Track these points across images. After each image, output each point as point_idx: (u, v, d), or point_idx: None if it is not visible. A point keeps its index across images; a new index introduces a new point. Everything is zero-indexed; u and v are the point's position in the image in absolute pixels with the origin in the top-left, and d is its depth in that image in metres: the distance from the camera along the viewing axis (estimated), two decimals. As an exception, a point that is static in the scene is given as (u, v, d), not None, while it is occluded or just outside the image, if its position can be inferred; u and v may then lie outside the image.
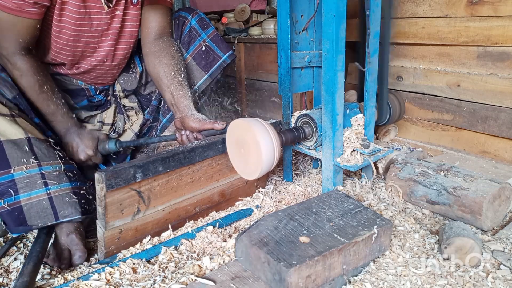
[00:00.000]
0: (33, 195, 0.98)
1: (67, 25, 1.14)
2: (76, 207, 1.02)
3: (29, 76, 1.11)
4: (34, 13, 1.06)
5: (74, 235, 1.02)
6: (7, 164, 0.96)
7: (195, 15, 1.40)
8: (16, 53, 1.09)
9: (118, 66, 1.36)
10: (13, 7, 1.02)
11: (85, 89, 1.38)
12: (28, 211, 0.97)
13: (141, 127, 1.49)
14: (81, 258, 0.99)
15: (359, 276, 0.85)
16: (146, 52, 1.33)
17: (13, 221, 0.97)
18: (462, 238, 0.87)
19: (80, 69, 1.29)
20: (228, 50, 1.45)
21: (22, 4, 1.02)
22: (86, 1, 1.13)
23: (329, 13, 1.05)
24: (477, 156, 1.44)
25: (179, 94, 1.25)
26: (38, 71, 1.14)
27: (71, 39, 1.18)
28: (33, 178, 0.98)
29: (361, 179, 1.31)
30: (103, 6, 1.15)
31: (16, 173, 0.96)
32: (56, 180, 1.01)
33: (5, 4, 1.01)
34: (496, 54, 1.35)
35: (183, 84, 1.27)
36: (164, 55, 1.29)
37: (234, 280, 0.79)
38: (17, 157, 0.97)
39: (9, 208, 0.95)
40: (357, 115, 1.24)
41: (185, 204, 1.11)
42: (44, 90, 1.15)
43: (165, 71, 1.27)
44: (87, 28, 1.18)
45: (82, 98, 1.39)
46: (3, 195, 0.95)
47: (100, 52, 1.26)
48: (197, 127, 1.18)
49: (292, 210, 0.94)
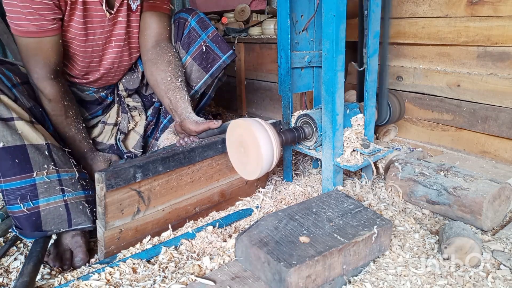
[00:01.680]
0: (51, 201, 0.98)
1: (74, 36, 1.16)
2: (88, 215, 1.03)
3: (57, 102, 1.14)
4: (55, 28, 1.08)
5: (79, 237, 1.03)
6: (29, 168, 0.96)
7: (195, 16, 1.40)
8: (46, 77, 1.11)
9: (124, 69, 1.38)
10: (36, 29, 1.04)
11: (98, 98, 1.40)
12: (45, 216, 0.97)
13: (145, 128, 1.49)
14: (82, 260, 0.99)
15: (359, 276, 0.85)
16: (145, 60, 1.35)
17: (30, 226, 0.96)
18: (462, 238, 0.87)
19: (90, 79, 1.32)
20: (228, 50, 1.44)
21: (43, 24, 1.04)
22: (88, 10, 1.14)
23: (329, 13, 1.05)
24: (477, 156, 1.44)
25: (177, 98, 1.27)
26: (65, 97, 1.16)
27: (78, 49, 1.20)
28: (52, 183, 0.98)
29: (361, 179, 1.31)
30: (105, 14, 1.17)
31: (37, 177, 0.96)
32: (71, 188, 1.02)
33: (28, 30, 1.04)
34: (496, 54, 1.35)
35: (180, 88, 1.28)
36: (161, 62, 1.30)
37: (234, 280, 0.79)
38: (39, 162, 0.97)
39: (28, 213, 0.95)
40: (357, 115, 1.24)
41: (185, 204, 1.11)
42: (69, 115, 1.17)
43: (162, 77, 1.29)
44: (91, 37, 1.19)
45: (97, 108, 1.41)
46: (23, 199, 0.95)
47: (107, 59, 1.28)
48: (194, 129, 1.19)
49: (292, 210, 0.94)
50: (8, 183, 0.93)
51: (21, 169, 0.94)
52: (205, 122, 1.19)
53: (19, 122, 0.96)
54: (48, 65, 1.10)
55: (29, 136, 0.97)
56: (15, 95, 1.01)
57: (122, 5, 1.21)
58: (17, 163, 0.94)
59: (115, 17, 1.21)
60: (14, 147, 0.94)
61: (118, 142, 1.41)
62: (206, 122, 1.19)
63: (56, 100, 1.13)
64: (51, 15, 1.05)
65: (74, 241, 1.02)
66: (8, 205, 0.95)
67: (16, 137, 0.94)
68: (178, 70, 1.32)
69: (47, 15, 1.04)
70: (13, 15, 1.02)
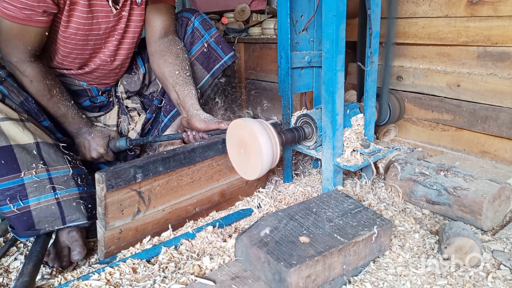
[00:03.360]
0: (42, 200, 0.98)
1: (76, 30, 1.15)
2: (82, 212, 1.02)
3: (39, 82, 1.13)
4: (43, 21, 1.07)
5: (75, 232, 1.02)
6: (17, 168, 0.95)
7: (198, 16, 1.41)
8: (25, 60, 1.10)
9: (120, 66, 1.37)
10: (23, 17, 1.03)
11: (87, 89, 1.38)
12: (37, 215, 0.97)
13: (143, 126, 1.49)
14: (79, 254, 0.98)
15: (359, 276, 0.85)
16: (151, 51, 1.34)
17: (22, 226, 0.97)
18: (462, 238, 0.87)
19: (86, 69, 1.30)
20: (230, 52, 1.46)
21: (32, 14, 1.03)
22: (93, 5, 1.13)
23: (329, 13, 1.05)
24: (477, 156, 1.44)
25: (184, 93, 1.26)
26: (47, 76, 1.15)
27: (80, 43, 1.19)
28: (42, 182, 0.98)
29: (361, 179, 1.31)
30: (111, 9, 1.16)
31: (26, 177, 0.96)
32: (64, 185, 1.02)
33: (14, 15, 1.02)
34: (496, 54, 1.35)
35: (188, 83, 1.28)
36: (169, 54, 1.29)
37: (234, 280, 0.79)
38: (27, 162, 0.97)
39: (19, 213, 0.95)
40: (357, 115, 1.24)
41: (185, 204, 1.11)
42: (54, 94, 1.16)
43: (170, 70, 1.28)
44: (96, 32, 1.19)
45: (85, 98, 1.39)
46: (13, 200, 0.95)
47: (105, 52, 1.27)
48: (203, 127, 1.19)
49: (292, 210, 0.94)
50: None
51: (8, 169, 0.94)
52: (215, 122, 1.19)
53: (5, 123, 0.95)
54: (29, 51, 1.09)
55: (16, 136, 0.97)
56: (3, 93, 1.00)
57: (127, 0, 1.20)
58: (4, 164, 0.94)
59: (120, 12, 1.21)
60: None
61: None
62: (216, 122, 1.18)
63: (38, 79, 1.12)
64: (42, 7, 1.03)
65: (70, 236, 1.02)
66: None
67: (1, 138, 0.94)
68: (186, 64, 1.31)
69: (38, 7, 1.03)
70: None
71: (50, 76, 1.17)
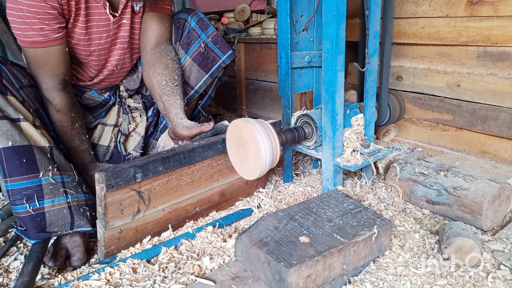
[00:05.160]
0: (56, 202, 0.98)
1: (78, 41, 1.16)
2: (88, 218, 1.03)
3: (64, 114, 1.14)
4: (60, 37, 1.09)
5: (78, 237, 1.03)
6: (36, 168, 0.96)
7: (194, 16, 1.40)
8: (55, 88, 1.11)
9: (126, 70, 1.38)
10: (43, 39, 1.05)
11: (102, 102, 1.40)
12: (50, 218, 0.97)
13: (146, 129, 1.49)
14: (80, 260, 0.99)
15: (359, 276, 0.85)
16: (143, 61, 1.34)
17: (35, 227, 0.96)
18: (462, 238, 0.87)
19: (94, 81, 1.32)
20: (228, 50, 1.44)
21: (49, 33, 1.05)
22: (91, 14, 1.14)
23: (329, 13, 1.05)
24: (477, 156, 1.44)
25: (170, 103, 1.26)
26: (73, 108, 1.17)
27: (83, 54, 1.20)
28: (57, 185, 0.99)
29: (361, 179, 1.31)
30: (109, 17, 1.17)
31: (43, 178, 0.97)
32: (73, 190, 1.03)
33: (35, 40, 1.04)
34: (496, 54, 1.35)
35: (174, 93, 1.28)
36: (159, 64, 1.30)
37: (234, 280, 0.79)
38: (44, 163, 0.97)
39: (33, 213, 0.95)
40: (357, 115, 1.24)
41: (185, 204, 1.11)
42: (75, 127, 1.18)
43: (158, 80, 1.29)
44: (97, 41, 1.19)
45: (100, 110, 1.42)
46: (29, 199, 0.95)
47: (111, 62, 1.28)
48: (187, 134, 1.19)
49: (292, 210, 0.94)
50: (14, 183, 0.93)
51: (28, 169, 0.95)
52: (197, 126, 1.18)
53: (24, 124, 0.96)
54: (57, 75, 1.11)
55: (35, 137, 0.98)
56: (23, 97, 1.02)
57: (126, 8, 1.21)
58: (25, 163, 0.94)
59: (119, 20, 1.22)
60: (22, 146, 0.94)
61: (119, 144, 1.41)
62: (198, 126, 1.18)
63: (64, 111, 1.14)
64: (56, 24, 1.06)
65: (73, 240, 1.02)
66: (13, 205, 0.95)
67: (23, 137, 0.95)
68: (175, 74, 1.31)
69: (53, 24, 1.05)
70: (19, 26, 1.02)
71: (75, 109, 1.18)
